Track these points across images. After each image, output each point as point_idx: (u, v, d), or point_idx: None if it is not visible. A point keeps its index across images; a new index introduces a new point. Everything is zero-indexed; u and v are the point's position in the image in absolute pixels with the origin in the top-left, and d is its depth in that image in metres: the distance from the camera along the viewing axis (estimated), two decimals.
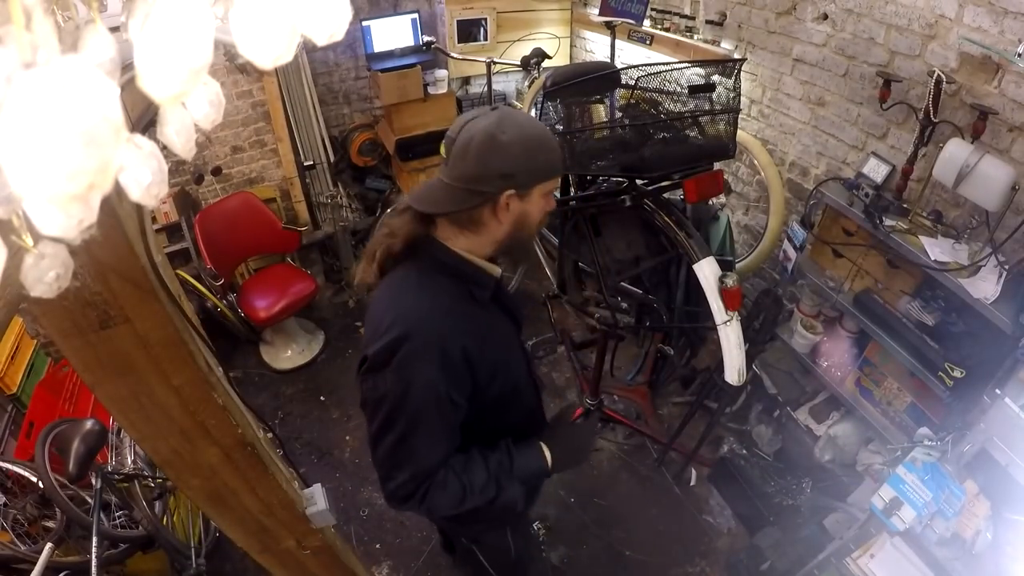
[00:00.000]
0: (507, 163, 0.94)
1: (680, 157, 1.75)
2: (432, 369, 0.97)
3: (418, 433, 0.99)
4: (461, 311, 1.04)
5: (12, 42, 0.23)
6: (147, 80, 0.25)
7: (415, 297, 1.02)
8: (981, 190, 1.53)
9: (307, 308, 3.24)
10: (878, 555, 1.63)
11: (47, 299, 0.31)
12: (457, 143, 0.95)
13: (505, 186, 0.96)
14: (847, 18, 1.97)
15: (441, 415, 1.00)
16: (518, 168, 0.95)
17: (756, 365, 2.37)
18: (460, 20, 3.20)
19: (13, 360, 2.44)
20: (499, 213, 0.99)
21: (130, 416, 0.80)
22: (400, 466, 1.02)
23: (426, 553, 2.30)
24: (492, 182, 0.95)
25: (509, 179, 0.95)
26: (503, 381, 1.11)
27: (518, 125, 0.95)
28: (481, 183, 0.95)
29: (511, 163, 0.94)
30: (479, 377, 1.04)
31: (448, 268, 1.05)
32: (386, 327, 0.98)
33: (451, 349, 0.98)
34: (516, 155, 0.94)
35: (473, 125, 0.94)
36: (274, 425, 2.76)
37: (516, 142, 0.93)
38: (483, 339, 1.04)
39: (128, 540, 1.91)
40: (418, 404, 0.97)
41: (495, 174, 0.95)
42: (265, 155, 3.36)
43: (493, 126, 0.93)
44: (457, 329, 1.00)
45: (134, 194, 0.29)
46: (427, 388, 0.97)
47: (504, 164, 0.94)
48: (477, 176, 0.95)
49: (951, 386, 1.67)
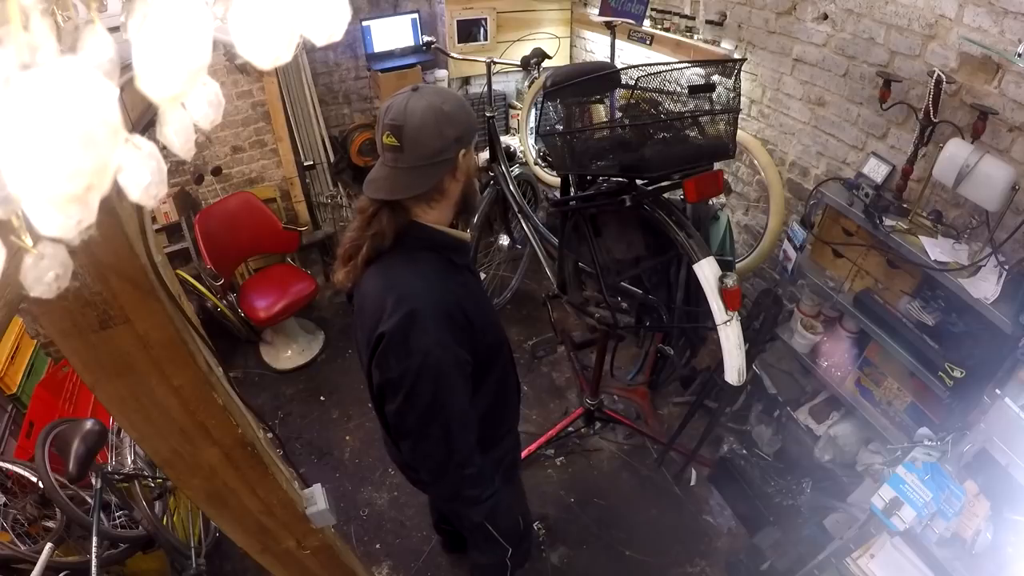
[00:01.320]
0: (457, 127, 1.06)
1: (680, 157, 1.75)
2: (446, 334, 1.07)
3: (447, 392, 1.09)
4: (451, 278, 1.16)
5: (11, 43, 0.23)
6: (146, 80, 0.25)
7: (411, 275, 1.11)
8: (981, 190, 1.53)
9: (307, 308, 3.25)
10: (878, 555, 1.63)
11: (47, 299, 0.31)
12: (407, 128, 1.02)
13: (459, 148, 1.08)
14: (847, 18, 1.96)
15: (462, 374, 1.12)
16: (465, 129, 1.08)
17: (756, 365, 2.37)
18: (460, 20, 3.20)
19: (13, 360, 2.44)
20: (457, 174, 1.11)
21: (130, 416, 0.80)
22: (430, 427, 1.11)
23: (426, 553, 2.30)
24: (450, 148, 1.06)
25: (461, 141, 1.08)
26: (492, 333, 1.26)
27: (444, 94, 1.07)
28: (443, 153, 1.05)
29: (460, 126, 1.06)
30: (476, 333, 1.15)
31: (428, 243, 1.14)
32: (392, 307, 1.06)
33: (455, 312, 1.10)
34: (460, 119, 1.06)
35: (414, 106, 1.02)
36: (274, 425, 2.77)
37: (455, 107, 1.06)
38: (473, 299, 1.18)
39: (128, 540, 1.91)
40: (442, 367, 1.07)
41: (451, 140, 1.05)
42: (265, 155, 3.36)
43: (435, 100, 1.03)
44: (454, 294, 1.12)
45: (133, 194, 0.29)
46: (446, 351, 1.07)
47: (455, 129, 1.05)
48: (439, 148, 1.05)
49: (951, 386, 1.66)
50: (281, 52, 0.27)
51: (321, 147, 3.46)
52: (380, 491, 2.54)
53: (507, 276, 3.53)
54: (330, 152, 3.52)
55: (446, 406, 1.10)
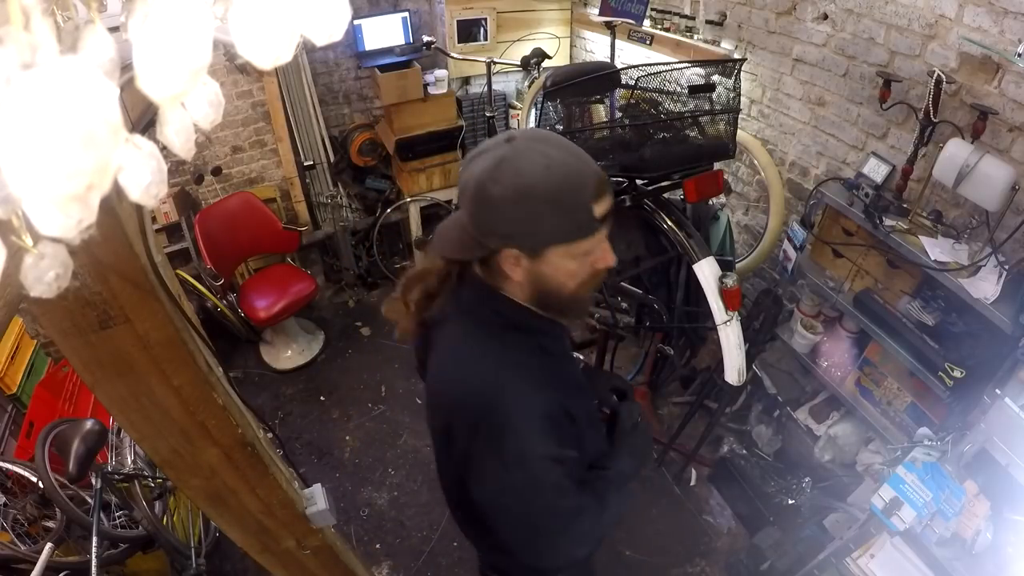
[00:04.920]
0: (499, 223, 0.78)
1: (680, 157, 1.75)
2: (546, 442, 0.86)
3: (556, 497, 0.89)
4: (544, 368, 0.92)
5: (11, 43, 0.23)
6: (146, 80, 0.25)
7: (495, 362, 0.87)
8: (981, 190, 1.53)
9: (307, 308, 3.25)
10: (878, 555, 1.63)
11: (47, 299, 0.31)
12: (460, 181, 0.82)
13: (504, 245, 0.80)
14: (847, 18, 1.96)
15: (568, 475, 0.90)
16: (514, 230, 0.79)
17: (756, 365, 2.37)
18: (460, 20, 3.20)
19: (13, 360, 2.44)
20: (505, 266, 0.83)
21: (130, 416, 0.80)
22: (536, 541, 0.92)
23: (426, 553, 2.30)
24: (490, 238, 0.80)
25: (508, 239, 0.79)
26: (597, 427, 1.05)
27: (518, 175, 0.75)
28: (485, 237, 0.80)
29: (504, 224, 0.78)
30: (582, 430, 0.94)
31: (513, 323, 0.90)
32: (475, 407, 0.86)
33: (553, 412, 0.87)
34: (509, 216, 0.77)
35: (474, 165, 0.78)
36: (274, 425, 2.77)
37: (509, 199, 0.76)
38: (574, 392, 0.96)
39: (128, 540, 1.91)
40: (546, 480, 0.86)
41: (489, 231, 0.79)
42: (265, 155, 3.36)
43: (486, 174, 0.76)
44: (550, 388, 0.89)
45: (133, 194, 0.29)
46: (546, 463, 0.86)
47: (496, 223, 0.78)
48: (476, 230, 0.80)
49: (951, 386, 1.66)
50: (281, 52, 0.27)
51: (321, 147, 3.46)
52: (380, 491, 2.54)
53: None
54: (330, 152, 3.52)
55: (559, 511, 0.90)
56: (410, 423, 2.83)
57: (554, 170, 0.76)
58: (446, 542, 2.34)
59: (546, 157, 0.76)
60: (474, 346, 0.90)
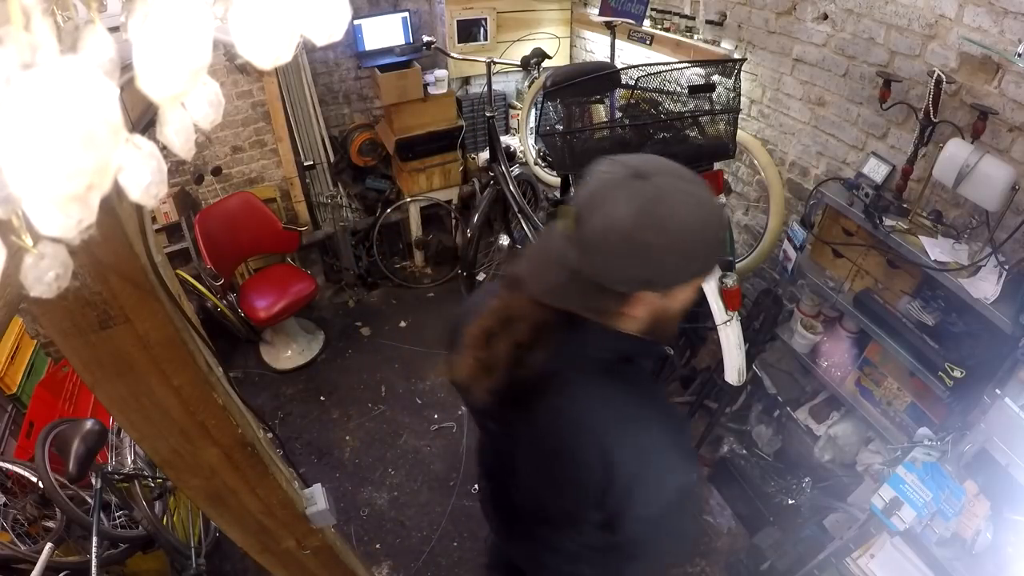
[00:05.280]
0: (651, 271, 0.73)
1: (680, 157, 1.74)
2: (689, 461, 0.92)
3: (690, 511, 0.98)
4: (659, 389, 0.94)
5: (11, 43, 0.23)
6: (146, 80, 0.25)
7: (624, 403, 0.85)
8: (981, 190, 1.53)
9: (307, 308, 3.25)
10: (878, 555, 1.63)
11: (47, 299, 0.31)
12: (590, 228, 0.71)
13: (641, 289, 0.76)
14: (847, 18, 1.96)
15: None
16: (664, 275, 0.75)
17: (756, 365, 2.37)
18: (460, 20, 3.20)
19: (13, 360, 2.44)
20: (632, 310, 0.79)
21: (130, 416, 0.80)
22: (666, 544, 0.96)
23: (426, 553, 2.30)
24: (628, 284, 0.75)
25: (648, 284, 0.75)
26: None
27: (674, 219, 0.70)
28: (615, 284, 0.74)
29: (656, 271, 0.73)
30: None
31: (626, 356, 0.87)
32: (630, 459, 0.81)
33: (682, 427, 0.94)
34: (664, 263, 0.72)
35: (612, 209, 0.70)
36: (274, 425, 2.77)
37: (665, 247, 0.70)
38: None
39: (128, 540, 1.91)
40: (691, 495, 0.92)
41: (631, 279, 0.74)
42: (265, 155, 3.36)
43: (635, 220, 0.69)
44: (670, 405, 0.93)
45: (133, 194, 0.29)
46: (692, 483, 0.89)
47: (647, 272, 0.73)
48: (611, 278, 0.74)
49: (951, 386, 1.66)
50: (281, 52, 0.27)
51: (321, 147, 3.46)
52: (380, 491, 2.54)
53: None
54: (330, 152, 3.52)
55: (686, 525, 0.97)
56: (410, 423, 2.84)
57: (703, 210, 0.73)
58: (446, 542, 2.34)
59: (691, 196, 0.72)
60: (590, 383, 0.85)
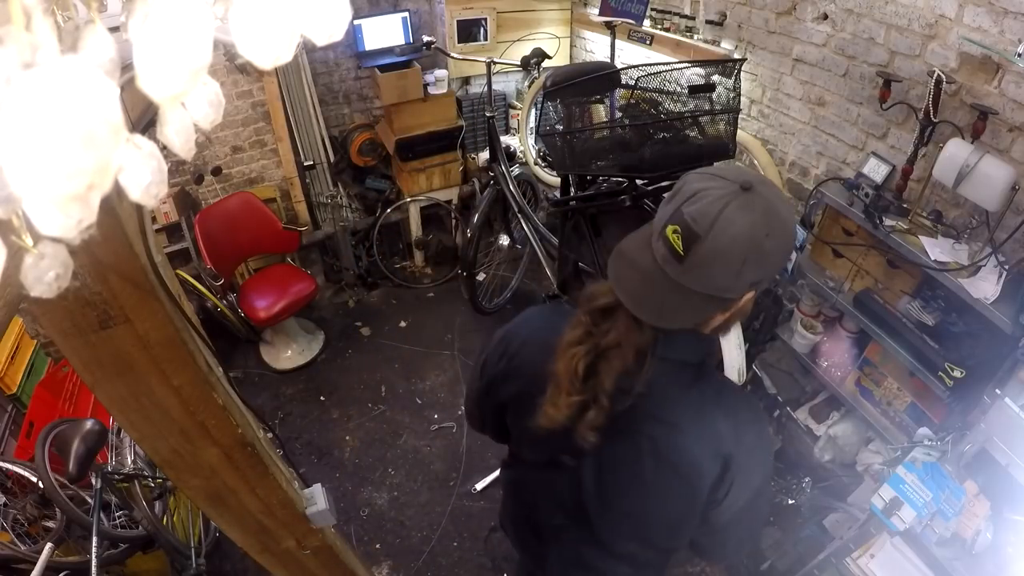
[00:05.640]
0: (763, 270, 0.76)
1: (680, 157, 1.75)
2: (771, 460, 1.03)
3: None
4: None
5: (12, 42, 0.23)
6: (146, 80, 0.25)
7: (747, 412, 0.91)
8: (981, 190, 1.53)
9: (307, 308, 3.25)
10: (878, 555, 1.63)
11: (47, 299, 0.31)
12: (708, 244, 0.71)
13: (749, 291, 0.78)
14: (847, 18, 1.96)
15: None
16: (770, 274, 0.79)
17: (756, 365, 2.37)
18: (460, 20, 3.20)
19: (13, 360, 2.44)
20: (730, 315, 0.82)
21: (130, 416, 0.80)
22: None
23: (426, 553, 2.30)
24: (740, 289, 0.76)
25: (757, 285, 0.78)
26: None
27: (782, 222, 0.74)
28: (727, 291, 0.75)
29: (766, 270, 0.77)
30: None
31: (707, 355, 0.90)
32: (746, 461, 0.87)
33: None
34: (773, 261, 0.76)
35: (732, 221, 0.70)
36: (274, 425, 2.77)
37: (778, 243, 0.74)
38: None
39: (128, 540, 1.92)
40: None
41: (746, 283, 0.75)
42: (265, 155, 3.36)
43: (760, 229, 0.71)
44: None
45: (134, 194, 0.29)
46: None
47: (759, 272, 0.75)
48: (726, 287, 0.75)
49: (951, 386, 1.66)
50: (281, 52, 0.27)
51: (321, 147, 3.46)
52: (380, 491, 2.54)
53: (507, 276, 3.53)
54: (330, 152, 3.52)
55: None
56: (410, 423, 2.84)
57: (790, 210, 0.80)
58: (446, 542, 2.34)
59: (781, 198, 0.78)
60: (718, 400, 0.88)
